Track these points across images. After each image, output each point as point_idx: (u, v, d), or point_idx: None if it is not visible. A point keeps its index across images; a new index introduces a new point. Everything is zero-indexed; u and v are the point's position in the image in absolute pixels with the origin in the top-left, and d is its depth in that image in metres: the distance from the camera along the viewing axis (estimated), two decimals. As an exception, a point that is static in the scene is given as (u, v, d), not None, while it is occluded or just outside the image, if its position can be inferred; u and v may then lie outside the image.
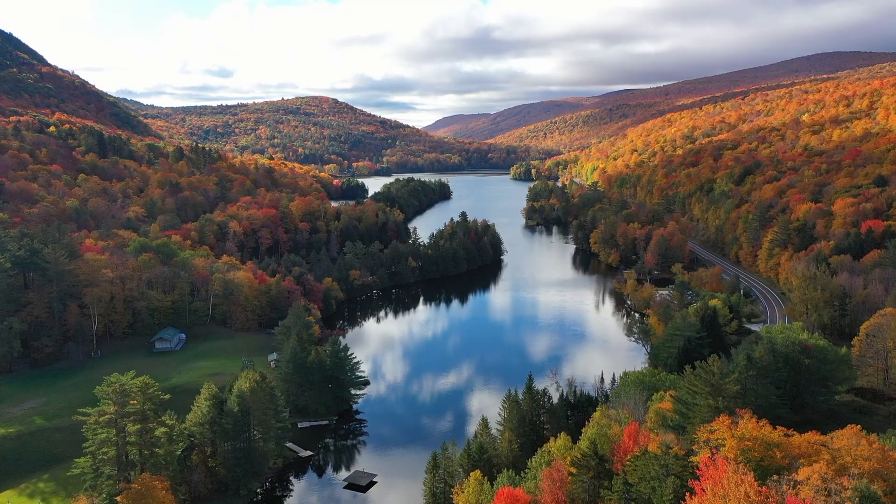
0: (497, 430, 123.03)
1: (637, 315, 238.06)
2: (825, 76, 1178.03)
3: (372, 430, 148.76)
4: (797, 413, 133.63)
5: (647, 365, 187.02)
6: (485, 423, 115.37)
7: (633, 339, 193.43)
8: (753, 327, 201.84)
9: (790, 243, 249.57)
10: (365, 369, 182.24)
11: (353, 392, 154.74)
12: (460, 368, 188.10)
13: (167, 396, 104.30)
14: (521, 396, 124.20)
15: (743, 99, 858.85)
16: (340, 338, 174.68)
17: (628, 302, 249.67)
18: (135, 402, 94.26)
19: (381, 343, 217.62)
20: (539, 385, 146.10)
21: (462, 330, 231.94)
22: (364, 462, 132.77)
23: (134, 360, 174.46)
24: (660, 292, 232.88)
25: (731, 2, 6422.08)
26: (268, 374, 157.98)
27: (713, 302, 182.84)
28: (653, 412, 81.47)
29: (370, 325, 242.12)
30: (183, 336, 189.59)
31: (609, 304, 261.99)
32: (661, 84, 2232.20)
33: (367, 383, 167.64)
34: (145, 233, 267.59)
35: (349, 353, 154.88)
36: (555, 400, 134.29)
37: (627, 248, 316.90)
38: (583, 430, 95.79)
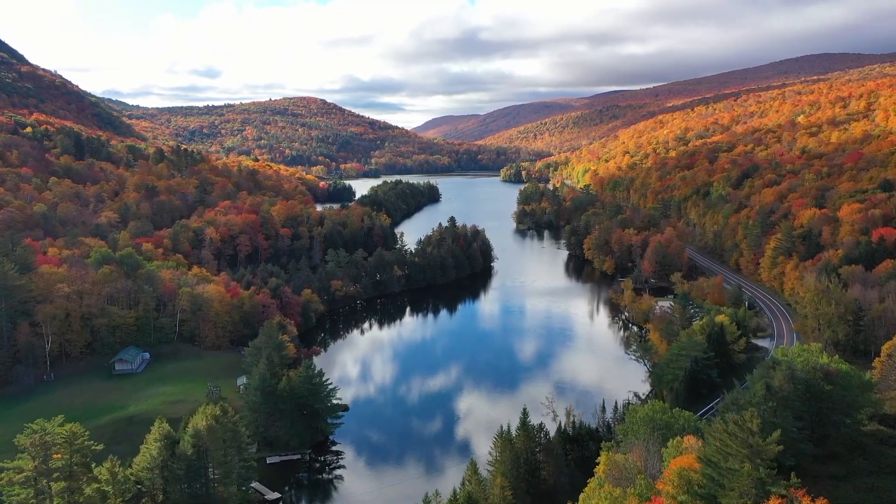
0: (488, 470, 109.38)
1: (635, 328, 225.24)
2: (816, 77, 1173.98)
3: (350, 464, 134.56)
4: (819, 446, 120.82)
5: (648, 384, 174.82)
6: (473, 467, 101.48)
7: (633, 357, 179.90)
8: (760, 343, 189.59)
9: (795, 251, 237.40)
10: (344, 391, 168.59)
11: (329, 421, 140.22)
12: (447, 388, 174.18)
13: (99, 447, 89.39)
14: (514, 433, 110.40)
15: (735, 100, 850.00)
16: (314, 361, 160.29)
17: (626, 314, 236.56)
18: (59, 455, 79.66)
19: (363, 360, 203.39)
20: (533, 412, 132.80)
21: (450, 344, 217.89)
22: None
23: (90, 384, 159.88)
24: (660, 304, 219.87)
25: (717, 3, 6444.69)
26: (236, 400, 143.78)
27: (720, 318, 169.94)
28: (675, 474, 68.02)
29: (352, 338, 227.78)
30: (146, 356, 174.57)
31: (605, 316, 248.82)
32: (650, 85, 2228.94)
33: (345, 409, 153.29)
34: (114, 240, 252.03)
35: (325, 378, 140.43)
36: (552, 432, 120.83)
37: (623, 255, 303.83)
38: (586, 496, 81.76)
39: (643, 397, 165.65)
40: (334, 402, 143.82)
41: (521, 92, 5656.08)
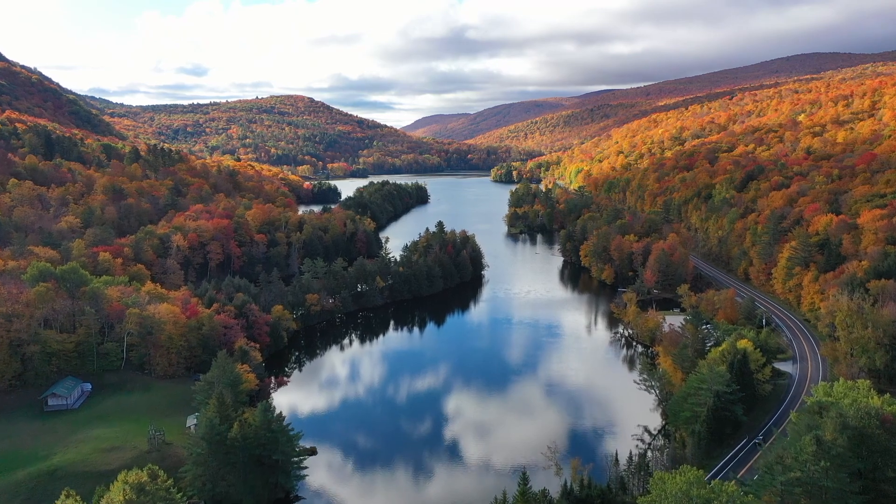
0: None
1: (640, 347, 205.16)
2: (809, 77, 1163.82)
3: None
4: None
5: (658, 415, 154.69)
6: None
7: (642, 386, 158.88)
8: (782, 367, 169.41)
9: (812, 262, 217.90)
10: (316, 422, 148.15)
11: (291, 473, 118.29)
12: (433, 416, 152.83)
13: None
14: (511, 502, 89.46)
15: (730, 99, 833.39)
16: (282, 392, 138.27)
17: (629, 331, 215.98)
18: None
19: (340, 384, 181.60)
20: (532, 465, 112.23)
21: (436, 364, 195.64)
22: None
23: (16, 424, 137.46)
24: (668, 321, 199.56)
25: (703, 3, 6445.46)
26: (182, 447, 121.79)
27: (742, 343, 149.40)
28: None
29: (329, 358, 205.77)
30: (87, 387, 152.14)
31: (605, 331, 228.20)
32: (639, 85, 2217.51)
33: (312, 452, 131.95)
34: (67, 249, 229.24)
35: (286, 423, 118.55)
36: (555, 491, 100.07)
37: (623, 264, 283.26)
38: None
39: (654, 433, 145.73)
40: (297, 448, 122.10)
41: (511, 91, 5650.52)
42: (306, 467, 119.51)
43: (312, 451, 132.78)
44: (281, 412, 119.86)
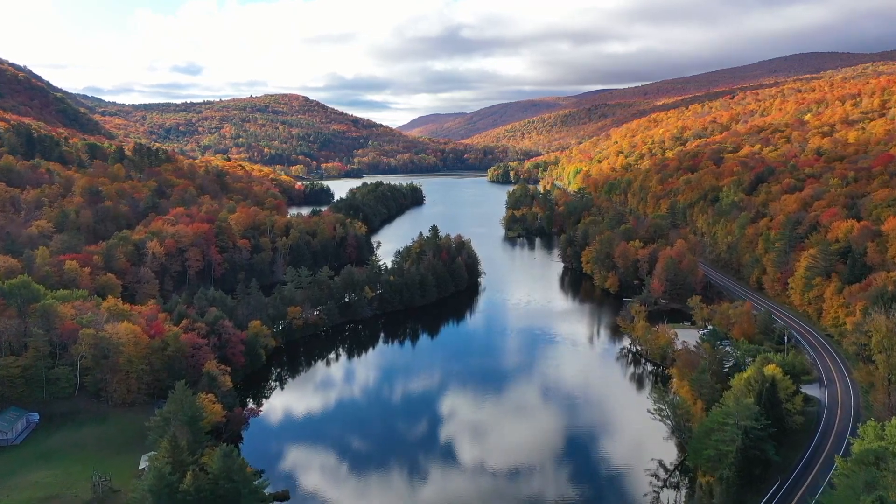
0: None
1: (649, 365, 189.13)
2: (809, 76, 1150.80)
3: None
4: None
5: (672, 444, 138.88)
6: None
7: (656, 417, 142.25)
8: (808, 391, 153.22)
9: (833, 272, 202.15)
10: (292, 455, 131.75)
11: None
12: (423, 447, 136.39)
13: None
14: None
15: (732, 98, 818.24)
16: (244, 434, 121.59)
17: (637, 347, 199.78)
18: None
19: (321, 406, 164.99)
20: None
21: (429, 383, 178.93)
22: None
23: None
24: (681, 337, 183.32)
25: (697, 2, 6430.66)
26: (131, 494, 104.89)
27: (769, 370, 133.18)
28: None
29: (312, 377, 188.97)
30: (34, 418, 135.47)
31: (611, 346, 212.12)
32: (636, 84, 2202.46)
33: (284, 498, 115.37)
34: (30, 258, 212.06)
35: (249, 471, 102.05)
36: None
37: (628, 272, 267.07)
38: None
39: (671, 468, 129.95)
40: (267, 492, 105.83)
41: (507, 90, 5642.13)
42: (282, 502, 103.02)
43: (284, 496, 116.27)
44: (244, 459, 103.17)
